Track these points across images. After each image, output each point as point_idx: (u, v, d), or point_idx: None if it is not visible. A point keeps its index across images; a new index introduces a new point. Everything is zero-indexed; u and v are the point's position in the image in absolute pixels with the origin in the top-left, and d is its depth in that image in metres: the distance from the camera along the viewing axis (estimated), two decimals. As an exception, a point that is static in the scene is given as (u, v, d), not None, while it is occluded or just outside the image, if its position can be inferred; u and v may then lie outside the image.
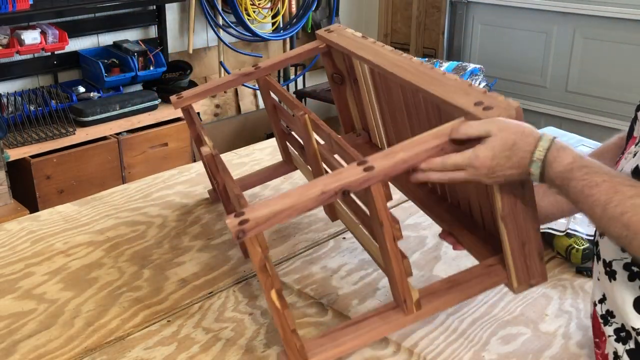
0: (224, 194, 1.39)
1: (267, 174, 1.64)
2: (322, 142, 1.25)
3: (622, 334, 0.99)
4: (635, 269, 0.95)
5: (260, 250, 0.93)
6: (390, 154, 0.94)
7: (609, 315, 1.02)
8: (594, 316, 1.08)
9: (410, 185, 1.34)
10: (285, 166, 1.64)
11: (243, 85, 3.94)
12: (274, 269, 0.95)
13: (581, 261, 1.33)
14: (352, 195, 1.25)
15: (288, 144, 1.57)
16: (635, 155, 0.97)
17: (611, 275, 0.99)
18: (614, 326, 1.01)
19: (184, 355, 1.09)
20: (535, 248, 1.05)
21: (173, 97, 1.47)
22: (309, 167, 1.40)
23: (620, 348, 0.99)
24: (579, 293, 1.28)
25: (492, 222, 1.11)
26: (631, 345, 0.97)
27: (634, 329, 0.96)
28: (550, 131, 1.73)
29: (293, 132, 1.52)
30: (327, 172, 1.28)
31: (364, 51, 1.29)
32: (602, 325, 1.03)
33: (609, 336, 1.01)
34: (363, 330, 1.05)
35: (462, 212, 1.23)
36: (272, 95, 1.51)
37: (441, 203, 1.28)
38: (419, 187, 1.34)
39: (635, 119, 1.04)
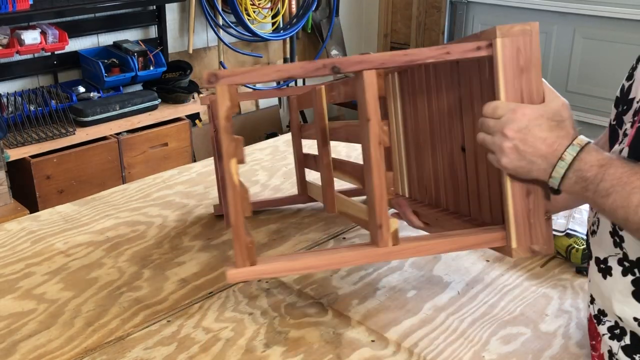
0: None
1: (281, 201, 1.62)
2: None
3: (617, 331, 0.99)
4: (630, 260, 0.94)
5: (229, 105, 0.79)
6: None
7: (601, 315, 1.02)
8: (589, 318, 1.08)
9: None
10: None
11: (244, 85, 3.94)
12: (240, 139, 0.80)
13: (581, 261, 1.33)
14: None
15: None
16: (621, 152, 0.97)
17: (606, 271, 0.99)
18: (607, 324, 1.00)
19: (184, 355, 1.09)
20: (541, 202, 0.92)
21: None
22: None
23: (615, 345, 0.99)
24: (579, 293, 1.28)
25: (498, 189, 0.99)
26: (626, 341, 0.97)
27: (635, 319, 0.94)
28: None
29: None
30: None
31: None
32: (596, 325, 1.03)
33: (603, 335, 1.01)
34: (325, 253, 0.96)
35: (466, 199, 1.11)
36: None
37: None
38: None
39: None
